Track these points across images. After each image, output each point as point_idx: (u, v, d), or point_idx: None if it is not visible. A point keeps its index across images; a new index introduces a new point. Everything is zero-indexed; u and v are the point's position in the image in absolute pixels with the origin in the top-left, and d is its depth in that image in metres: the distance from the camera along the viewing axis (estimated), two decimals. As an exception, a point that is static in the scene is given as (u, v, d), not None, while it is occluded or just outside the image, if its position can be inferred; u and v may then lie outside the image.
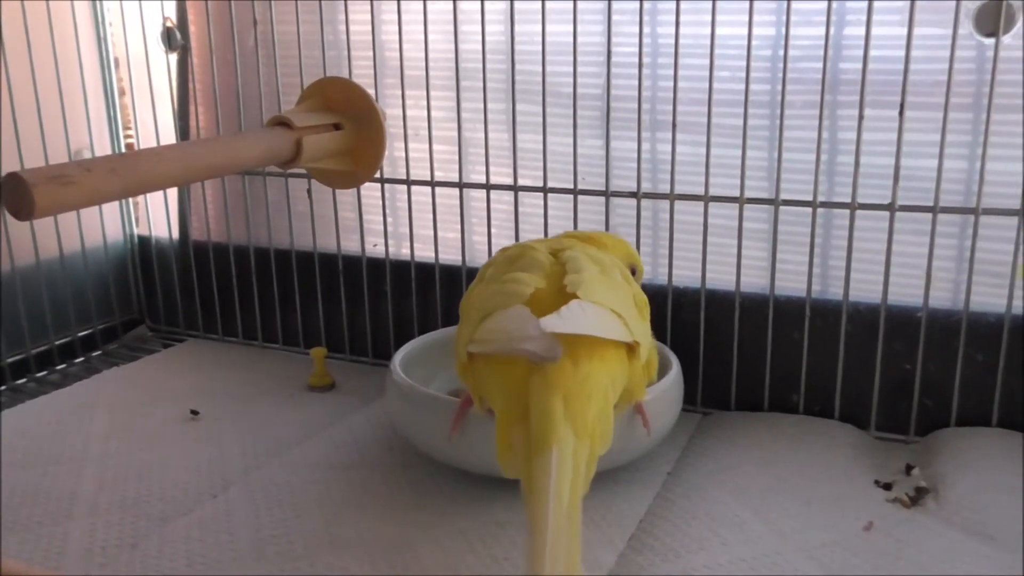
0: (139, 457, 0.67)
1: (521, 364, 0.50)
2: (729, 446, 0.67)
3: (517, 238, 0.78)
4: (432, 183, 0.80)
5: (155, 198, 0.96)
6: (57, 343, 0.89)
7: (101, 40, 0.94)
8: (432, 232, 0.81)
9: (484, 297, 0.56)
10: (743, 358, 0.73)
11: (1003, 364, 0.66)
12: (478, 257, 0.81)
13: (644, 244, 0.74)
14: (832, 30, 0.65)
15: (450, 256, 0.82)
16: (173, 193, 0.95)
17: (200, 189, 0.93)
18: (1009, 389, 0.66)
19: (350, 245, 0.86)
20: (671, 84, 0.69)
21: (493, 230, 0.79)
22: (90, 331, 0.93)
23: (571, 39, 0.71)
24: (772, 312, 0.71)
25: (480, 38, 0.75)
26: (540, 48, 0.72)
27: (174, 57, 0.91)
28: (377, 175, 0.81)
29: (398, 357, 0.67)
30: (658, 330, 0.62)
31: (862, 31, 0.63)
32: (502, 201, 0.79)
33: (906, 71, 0.63)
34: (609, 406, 0.52)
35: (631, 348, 0.54)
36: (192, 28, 0.89)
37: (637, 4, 0.69)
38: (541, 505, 0.43)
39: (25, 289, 0.85)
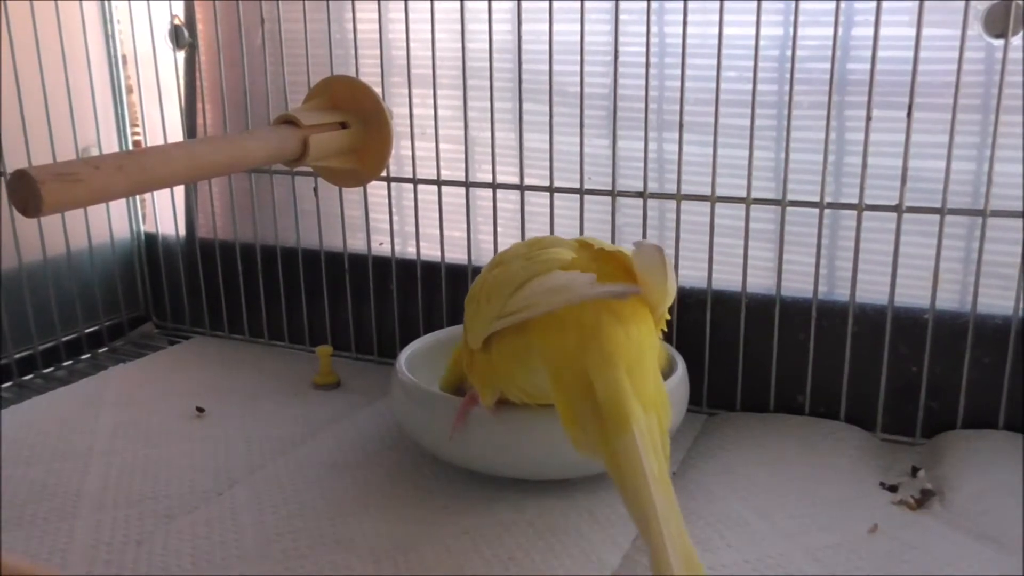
0: (145, 454, 0.67)
1: (572, 334, 0.48)
2: (734, 447, 0.67)
3: (523, 238, 0.77)
4: (438, 182, 0.80)
5: (162, 196, 0.96)
6: (64, 340, 0.89)
7: (109, 38, 0.94)
8: (438, 231, 0.81)
9: (511, 272, 0.54)
10: (749, 359, 0.73)
11: (1010, 366, 0.66)
12: (484, 256, 0.81)
13: (650, 244, 0.74)
14: (840, 30, 0.64)
15: (456, 255, 0.82)
16: (180, 191, 0.95)
17: (207, 187, 0.93)
18: (1016, 392, 0.66)
19: (356, 243, 0.86)
20: (678, 84, 0.69)
21: (499, 229, 0.79)
22: (97, 328, 0.94)
23: (578, 39, 0.71)
24: (778, 313, 0.71)
25: (487, 37, 0.75)
26: (547, 47, 0.72)
27: (181, 55, 0.91)
28: (383, 174, 0.81)
29: (403, 356, 0.67)
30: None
31: (870, 31, 0.63)
32: (508, 200, 0.79)
33: (914, 72, 0.62)
34: (660, 374, 0.50)
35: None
36: (200, 26, 0.90)
37: (644, 4, 0.69)
38: (641, 492, 0.42)
39: (32, 286, 0.85)
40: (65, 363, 0.89)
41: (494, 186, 0.78)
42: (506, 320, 0.52)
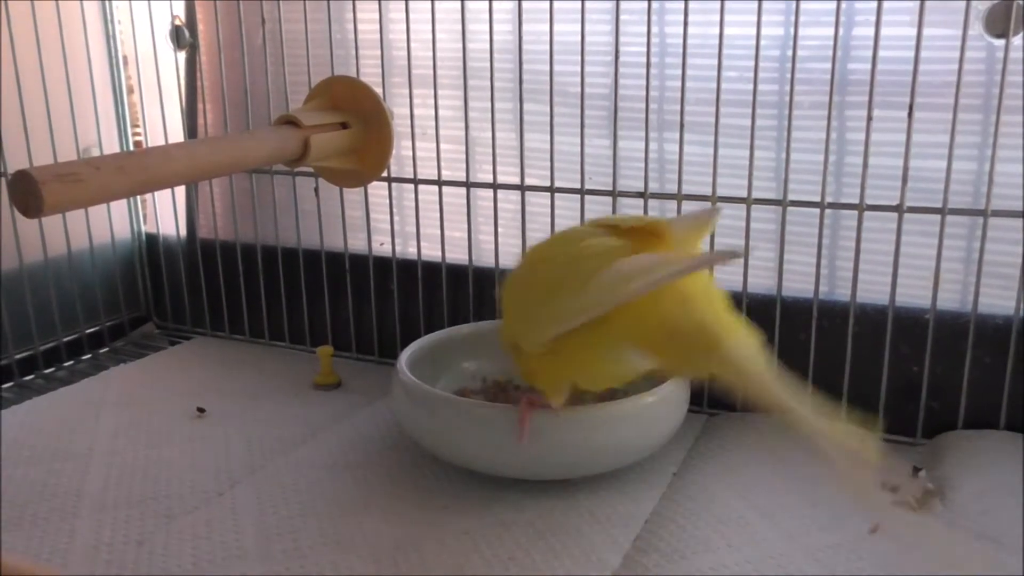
0: (145, 454, 0.67)
1: (653, 304, 0.50)
2: (735, 447, 0.67)
3: (524, 238, 0.78)
4: (439, 182, 0.80)
5: (163, 196, 0.96)
6: (65, 340, 0.90)
7: (110, 38, 0.94)
8: (439, 231, 0.81)
9: (571, 268, 0.54)
10: (750, 359, 0.73)
11: (1011, 367, 0.66)
12: (484, 256, 0.81)
13: (651, 244, 0.74)
14: (841, 30, 0.64)
15: (456, 255, 0.82)
16: (181, 191, 0.95)
17: (208, 187, 0.93)
18: (1017, 392, 0.66)
19: (357, 244, 0.86)
20: (679, 84, 0.69)
21: (500, 230, 0.79)
22: (98, 328, 0.94)
23: (579, 39, 0.71)
24: (779, 313, 0.71)
25: (488, 37, 0.75)
26: (548, 48, 0.72)
27: (182, 55, 0.91)
28: (384, 174, 0.81)
29: (404, 356, 0.67)
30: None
31: (871, 31, 0.63)
32: (509, 201, 0.79)
33: (915, 72, 0.62)
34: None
35: None
36: (200, 26, 0.90)
37: (645, 4, 0.69)
38: (767, 377, 0.45)
39: (33, 286, 0.85)
40: (66, 363, 0.89)
41: (495, 186, 0.78)
42: (594, 311, 0.51)
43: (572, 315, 0.52)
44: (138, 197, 0.98)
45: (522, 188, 0.77)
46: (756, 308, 0.72)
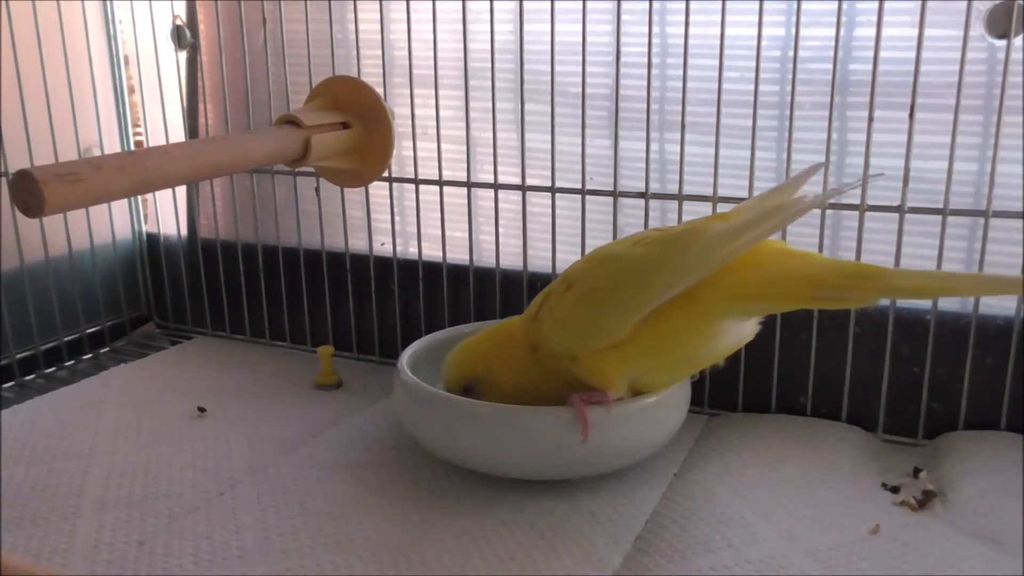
0: (146, 454, 0.67)
1: (769, 256, 0.55)
2: (736, 448, 0.67)
3: (525, 238, 0.77)
4: (440, 182, 0.80)
5: (164, 196, 0.96)
6: (66, 340, 0.90)
7: (111, 38, 0.94)
8: (440, 231, 0.81)
9: (659, 243, 0.56)
10: (750, 359, 0.73)
11: (1012, 368, 0.66)
12: (485, 256, 0.81)
13: (652, 245, 0.74)
14: (842, 31, 0.64)
15: (457, 255, 0.82)
16: (182, 191, 0.95)
17: (209, 187, 0.93)
18: (1018, 393, 0.66)
19: (358, 244, 0.86)
20: (680, 84, 0.69)
21: (501, 230, 0.79)
22: (98, 328, 0.94)
23: (580, 39, 0.71)
24: (780, 313, 0.71)
25: (489, 37, 0.75)
26: (549, 48, 0.72)
27: (183, 55, 0.91)
28: (385, 174, 0.81)
29: (405, 356, 0.67)
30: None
31: (872, 32, 0.63)
32: (510, 201, 0.79)
33: (916, 72, 0.62)
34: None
35: None
36: (202, 26, 0.90)
37: (646, 4, 0.69)
38: (933, 284, 0.53)
39: (34, 286, 0.85)
40: (67, 363, 0.90)
41: (496, 186, 0.78)
42: (699, 274, 0.53)
43: (675, 282, 0.53)
44: (139, 197, 0.98)
45: (523, 188, 0.77)
46: (757, 308, 0.72)
